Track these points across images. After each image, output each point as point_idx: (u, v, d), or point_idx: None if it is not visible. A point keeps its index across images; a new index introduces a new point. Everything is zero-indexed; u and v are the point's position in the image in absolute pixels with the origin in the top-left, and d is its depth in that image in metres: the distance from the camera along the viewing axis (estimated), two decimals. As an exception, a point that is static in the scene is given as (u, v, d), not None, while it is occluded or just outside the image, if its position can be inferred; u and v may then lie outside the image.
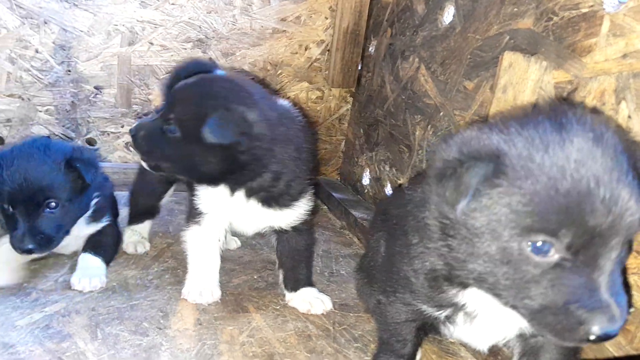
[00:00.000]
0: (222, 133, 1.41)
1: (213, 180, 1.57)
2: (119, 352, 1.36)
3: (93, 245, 1.80)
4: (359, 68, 2.89)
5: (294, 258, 1.73)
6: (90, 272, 1.69)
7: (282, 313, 1.63)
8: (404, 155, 2.23)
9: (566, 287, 0.86)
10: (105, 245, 1.82)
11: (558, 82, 1.36)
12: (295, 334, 1.52)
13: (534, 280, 0.88)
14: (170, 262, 1.91)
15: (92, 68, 2.60)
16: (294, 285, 1.71)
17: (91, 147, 2.70)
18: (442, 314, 1.17)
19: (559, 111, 0.96)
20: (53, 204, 1.61)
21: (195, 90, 1.53)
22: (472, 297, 1.09)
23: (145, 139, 1.55)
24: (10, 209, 1.58)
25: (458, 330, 1.22)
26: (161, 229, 2.23)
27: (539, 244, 0.87)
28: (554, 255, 0.87)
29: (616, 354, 1.16)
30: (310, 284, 1.74)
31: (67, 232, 1.68)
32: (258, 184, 1.55)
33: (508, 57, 1.55)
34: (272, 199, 1.60)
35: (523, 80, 1.48)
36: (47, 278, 1.72)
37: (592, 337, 0.84)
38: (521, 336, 1.15)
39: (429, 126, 2.02)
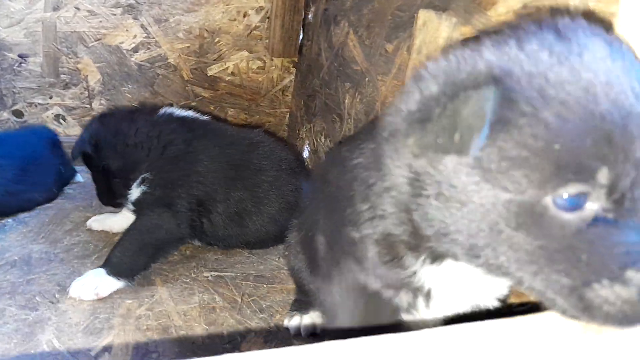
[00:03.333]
0: None
1: None
2: (1, 327, 1.27)
3: None
4: (301, 36, 2.79)
5: None
6: None
7: (190, 286, 1.56)
8: (336, 125, 2.16)
9: (615, 248, 0.62)
10: None
11: (466, 39, 1.29)
12: (199, 306, 1.46)
13: (566, 247, 0.64)
14: (84, 236, 1.81)
15: (15, 35, 2.46)
16: None
17: (19, 120, 2.57)
18: (402, 299, 0.95)
19: (549, 20, 0.74)
20: None
21: None
22: (431, 275, 0.88)
23: None
24: None
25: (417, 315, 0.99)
26: (84, 202, 2.13)
27: (567, 195, 0.63)
28: (591, 207, 0.64)
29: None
30: (108, 264, 1.52)
31: None
32: None
33: (423, 16, 1.47)
34: None
35: (435, 39, 1.41)
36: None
37: None
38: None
39: (357, 93, 1.95)
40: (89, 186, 2.20)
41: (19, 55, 2.49)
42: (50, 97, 2.59)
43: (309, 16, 2.64)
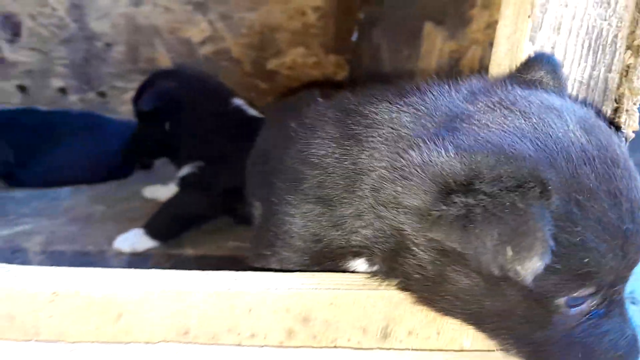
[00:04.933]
0: None
1: None
2: (59, 263, 1.61)
3: None
4: (356, 35, 2.97)
5: None
6: None
7: (212, 252, 1.82)
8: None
9: (604, 336, 0.71)
10: None
11: (452, 50, 1.44)
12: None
13: (565, 336, 0.70)
14: (137, 203, 2.14)
15: (102, 26, 2.85)
16: None
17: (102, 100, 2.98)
18: None
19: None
20: None
21: None
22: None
23: None
24: None
25: None
26: (145, 178, 2.45)
27: (578, 295, 0.67)
28: (591, 302, 0.69)
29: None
30: (147, 226, 1.81)
31: None
32: None
33: (427, 26, 1.62)
34: None
35: (433, 49, 1.56)
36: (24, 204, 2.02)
37: None
38: None
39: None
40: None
41: (105, 44, 2.88)
42: (130, 82, 2.97)
43: (361, 17, 2.82)
